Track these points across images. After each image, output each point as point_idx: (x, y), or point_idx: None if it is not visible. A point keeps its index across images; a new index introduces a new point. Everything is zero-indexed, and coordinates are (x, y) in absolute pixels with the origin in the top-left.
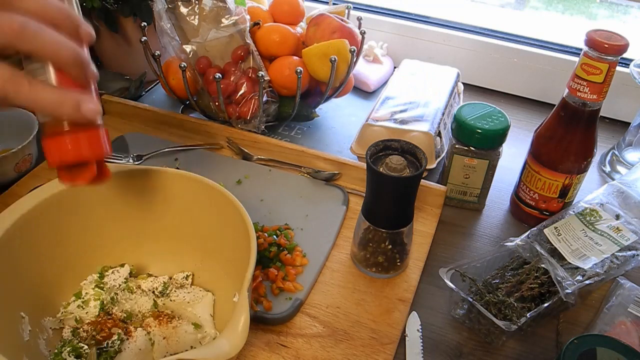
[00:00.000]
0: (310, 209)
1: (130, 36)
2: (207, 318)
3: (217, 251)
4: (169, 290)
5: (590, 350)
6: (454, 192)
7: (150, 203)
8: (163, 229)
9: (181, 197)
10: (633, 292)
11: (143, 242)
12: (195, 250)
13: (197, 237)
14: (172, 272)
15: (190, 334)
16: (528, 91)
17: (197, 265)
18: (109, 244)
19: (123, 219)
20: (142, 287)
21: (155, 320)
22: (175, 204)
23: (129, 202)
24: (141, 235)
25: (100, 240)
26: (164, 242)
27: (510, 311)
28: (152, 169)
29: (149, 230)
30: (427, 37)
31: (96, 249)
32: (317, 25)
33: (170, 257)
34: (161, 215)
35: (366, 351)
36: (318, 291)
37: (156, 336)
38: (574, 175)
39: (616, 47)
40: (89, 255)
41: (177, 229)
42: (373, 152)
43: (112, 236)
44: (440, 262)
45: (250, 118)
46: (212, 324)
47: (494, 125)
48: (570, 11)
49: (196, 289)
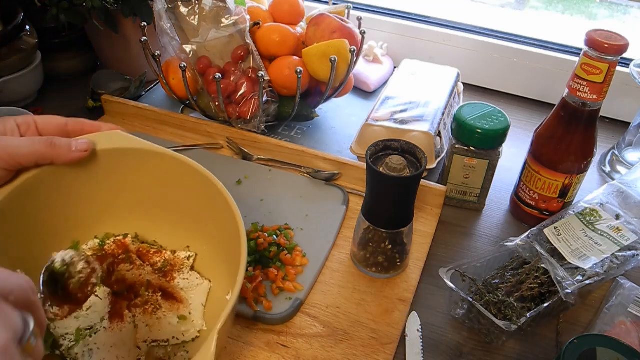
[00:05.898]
0: (310, 209)
1: (130, 36)
2: (198, 307)
3: (217, 239)
4: (167, 268)
5: (590, 350)
6: (454, 192)
7: (156, 180)
8: (170, 205)
9: (181, 180)
10: (633, 292)
11: (151, 213)
12: (202, 234)
13: (200, 221)
14: (177, 248)
15: (173, 326)
16: (528, 91)
17: (201, 248)
18: (113, 212)
19: (132, 190)
20: (142, 260)
21: (141, 308)
22: (178, 187)
23: (140, 179)
24: (150, 208)
25: (105, 208)
26: (170, 216)
27: (510, 311)
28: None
29: (157, 203)
30: (427, 37)
31: (99, 216)
32: (317, 25)
33: (176, 232)
34: (164, 194)
35: (366, 351)
36: (318, 291)
37: (140, 322)
38: (574, 175)
39: (616, 47)
40: (92, 222)
41: (184, 207)
42: (373, 152)
43: (118, 206)
44: (440, 262)
45: (250, 118)
46: (201, 314)
47: (494, 125)
48: (570, 11)
49: (194, 275)
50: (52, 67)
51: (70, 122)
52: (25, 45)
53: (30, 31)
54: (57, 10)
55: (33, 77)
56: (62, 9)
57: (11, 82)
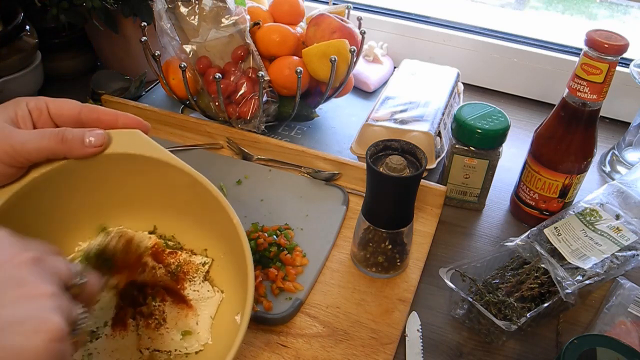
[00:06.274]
0: (310, 209)
1: (130, 36)
2: (206, 320)
3: (231, 252)
4: (179, 273)
5: (590, 350)
6: (454, 192)
7: (171, 187)
8: (186, 210)
9: (196, 196)
10: (633, 292)
11: (169, 212)
12: (219, 241)
13: (215, 230)
14: (196, 248)
15: (176, 342)
16: (528, 91)
17: (218, 255)
18: (129, 207)
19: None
20: (155, 260)
21: (144, 321)
22: (192, 199)
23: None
24: (167, 207)
25: (120, 203)
26: (188, 218)
27: (510, 311)
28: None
29: (174, 205)
30: (427, 37)
31: (114, 210)
32: (317, 25)
33: (194, 233)
34: (179, 200)
35: (366, 351)
36: (318, 291)
37: (143, 333)
38: (574, 175)
39: (616, 47)
40: (110, 215)
41: (199, 218)
42: (373, 152)
43: (132, 203)
44: (440, 262)
45: (250, 118)
46: (209, 326)
47: (494, 125)
48: (570, 11)
49: (205, 287)
50: (52, 67)
51: (85, 109)
52: (25, 45)
53: (30, 31)
54: (57, 10)
55: (33, 77)
56: (62, 9)
57: (11, 82)
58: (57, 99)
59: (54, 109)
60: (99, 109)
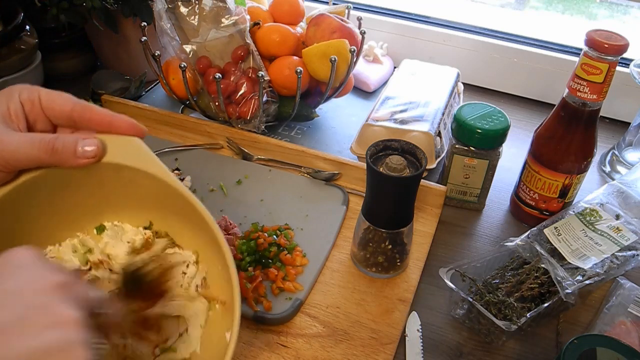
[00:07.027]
0: (310, 209)
1: (130, 36)
2: (196, 327)
3: (221, 264)
4: (170, 280)
5: (590, 350)
6: (454, 192)
7: (165, 199)
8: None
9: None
10: (633, 292)
11: (164, 211)
12: (211, 252)
13: (211, 244)
14: (188, 248)
15: (157, 355)
16: (528, 91)
17: (211, 264)
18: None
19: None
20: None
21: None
22: (187, 218)
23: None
24: (161, 208)
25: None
26: (183, 226)
27: (510, 311)
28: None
29: (171, 212)
30: (427, 37)
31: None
32: (317, 25)
33: (189, 235)
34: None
35: (366, 351)
36: (318, 291)
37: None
38: (574, 175)
39: (616, 47)
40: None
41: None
42: (373, 152)
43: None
44: (440, 262)
45: (250, 118)
46: (199, 334)
47: (494, 125)
48: (570, 11)
49: (198, 299)
50: (52, 67)
51: (77, 107)
52: (25, 45)
53: (30, 31)
54: (57, 10)
55: (33, 77)
56: (62, 9)
57: (11, 82)
58: (51, 91)
59: (45, 101)
60: (92, 108)
